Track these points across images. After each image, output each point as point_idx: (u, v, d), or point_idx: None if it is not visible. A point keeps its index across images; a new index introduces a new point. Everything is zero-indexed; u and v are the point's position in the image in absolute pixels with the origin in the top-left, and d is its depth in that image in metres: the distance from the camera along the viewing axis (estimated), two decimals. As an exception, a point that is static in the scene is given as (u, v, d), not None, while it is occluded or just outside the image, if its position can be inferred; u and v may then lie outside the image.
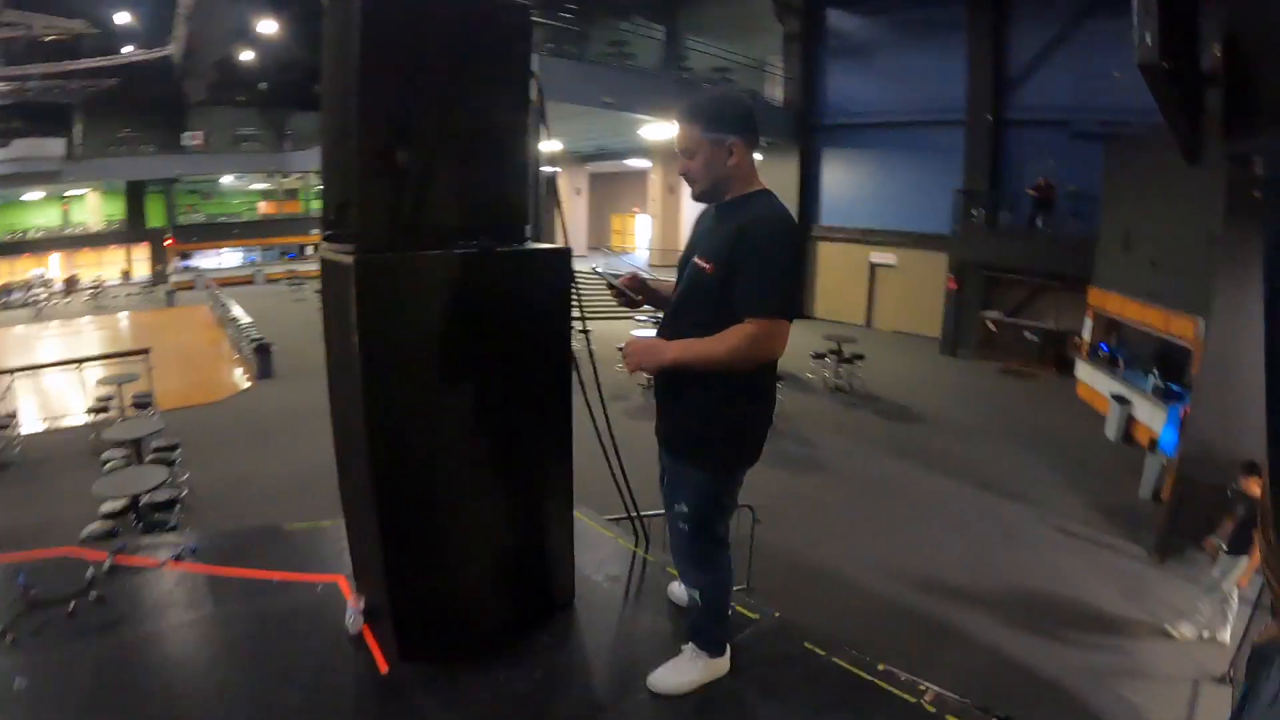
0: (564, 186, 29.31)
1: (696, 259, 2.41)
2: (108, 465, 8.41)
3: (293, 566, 3.54)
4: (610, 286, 2.79)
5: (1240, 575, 6.43)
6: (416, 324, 2.54)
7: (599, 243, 32.36)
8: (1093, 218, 15.11)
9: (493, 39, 2.61)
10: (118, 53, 25.61)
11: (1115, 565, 7.74)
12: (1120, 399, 12.01)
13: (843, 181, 21.84)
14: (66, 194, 32.08)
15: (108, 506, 7.01)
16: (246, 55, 27.52)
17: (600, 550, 3.66)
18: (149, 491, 7.09)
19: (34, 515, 8.19)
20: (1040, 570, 7.62)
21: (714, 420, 2.41)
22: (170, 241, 33.19)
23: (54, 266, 32.15)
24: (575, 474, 3.03)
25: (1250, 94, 6.90)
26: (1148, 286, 11.60)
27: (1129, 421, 11.82)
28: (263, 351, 15.39)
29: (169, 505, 7.38)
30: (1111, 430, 11.96)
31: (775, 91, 22.75)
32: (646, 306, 2.91)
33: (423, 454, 2.60)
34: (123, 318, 25.34)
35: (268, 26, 25.72)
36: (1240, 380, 7.53)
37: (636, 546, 3.66)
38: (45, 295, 28.37)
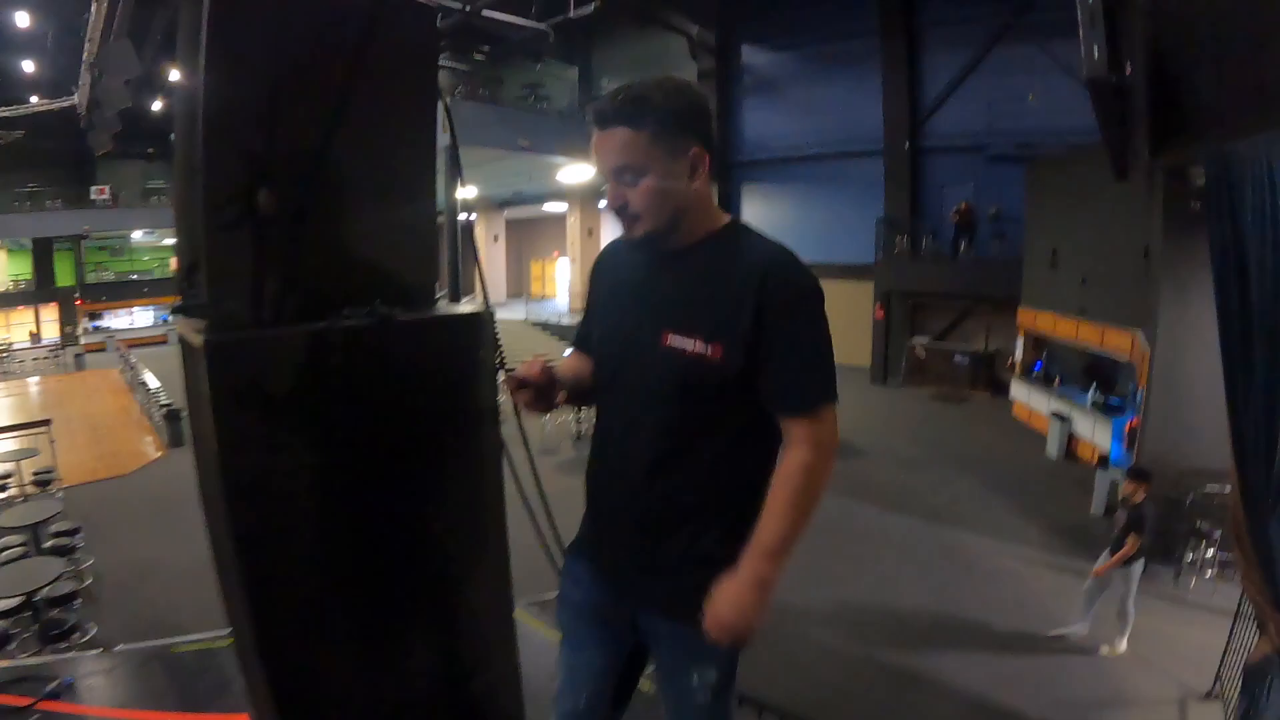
0: (481, 234, 28.65)
1: (674, 338, 1.59)
2: (2, 555, 7.57)
3: (181, 702, 2.87)
4: (517, 384, 1.83)
5: (1101, 566, 6.44)
6: (291, 416, 1.87)
7: (519, 291, 31.89)
8: (1016, 238, 15.23)
9: (390, 49, 1.98)
10: (24, 102, 24.25)
11: (1076, 587, 7.39)
12: (1059, 416, 11.91)
13: (763, 217, 21.61)
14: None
15: (3, 605, 6.33)
16: (155, 105, 26.37)
17: (548, 655, 2.98)
18: (46, 586, 6.39)
19: None
20: (1006, 602, 7.25)
21: (736, 555, 1.57)
22: (79, 301, 31.43)
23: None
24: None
25: (1181, 105, 6.79)
26: (1079, 303, 11.58)
27: (1070, 438, 11.72)
28: (173, 418, 14.27)
29: (69, 600, 6.67)
30: (1053, 448, 11.83)
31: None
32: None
33: (308, 569, 1.95)
34: (31, 383, 23.79)
35: (176, 75, 24.76)
36: (1190, 391, 7.41)
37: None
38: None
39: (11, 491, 10.34)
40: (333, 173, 1.90)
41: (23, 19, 20.48)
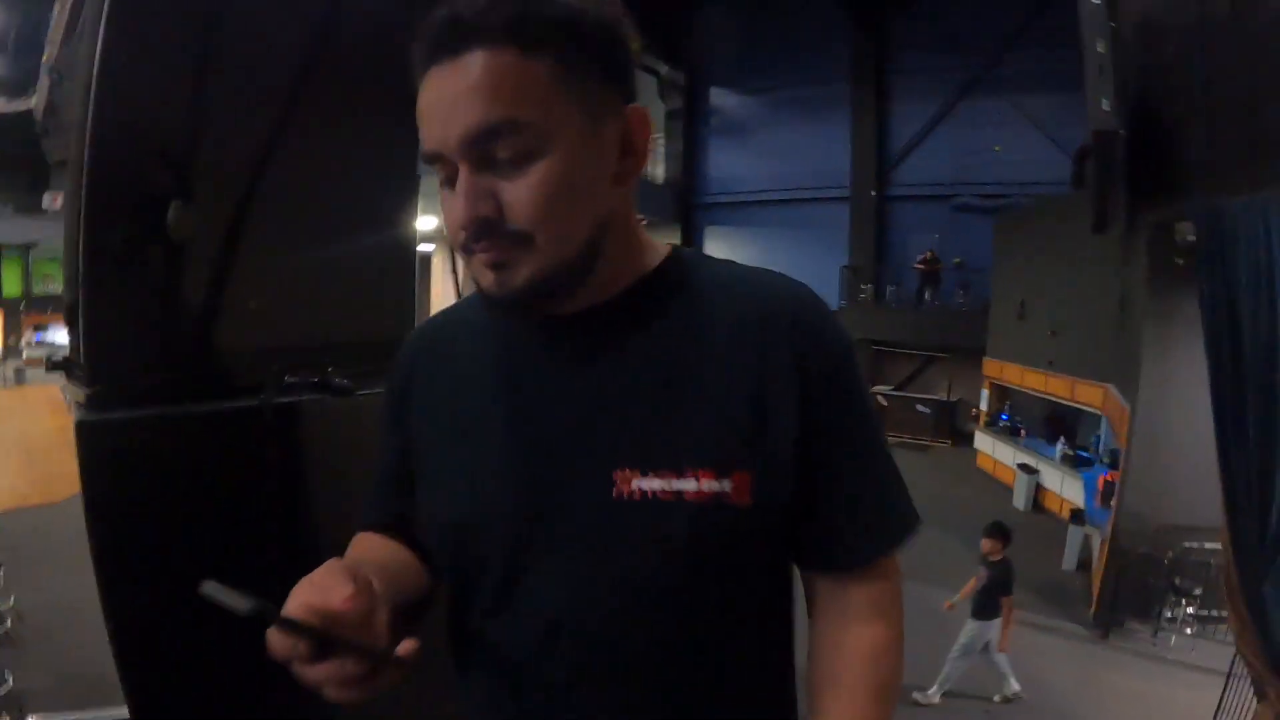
0: (439, 266, 27.87)
1: (647, 480, 0.83)
2: None
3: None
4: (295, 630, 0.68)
5: (998, 639, 6.22)
6: (198, 521, 1.35)
7: None
8: (980, 289, 15.28)
9: (361, 26, 1.48)
10: None
11: (1060, 649, 7.18)
12: (1026, 468, 11.80)
13: (730, 257, 21.60)
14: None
15: None
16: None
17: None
18: None
19: None
20: (978, 662, 6.95)
21: None
22: (25, 314, 30.42)
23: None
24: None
25: (1168, 160, 6.73)
26: (1048, 355, 11.52)
27: (1037, 490, 11.60)
28: None
29: None
30: (1020, 500, 11.68)
31: (656, 170, 22.37)
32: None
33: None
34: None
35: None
36: (1171, 446, 7.26)
37: None
38: None
39: None
40: (279, 187, 1.39)
41: None
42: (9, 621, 7.05)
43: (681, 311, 0.87)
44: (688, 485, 0.81)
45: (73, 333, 1.38)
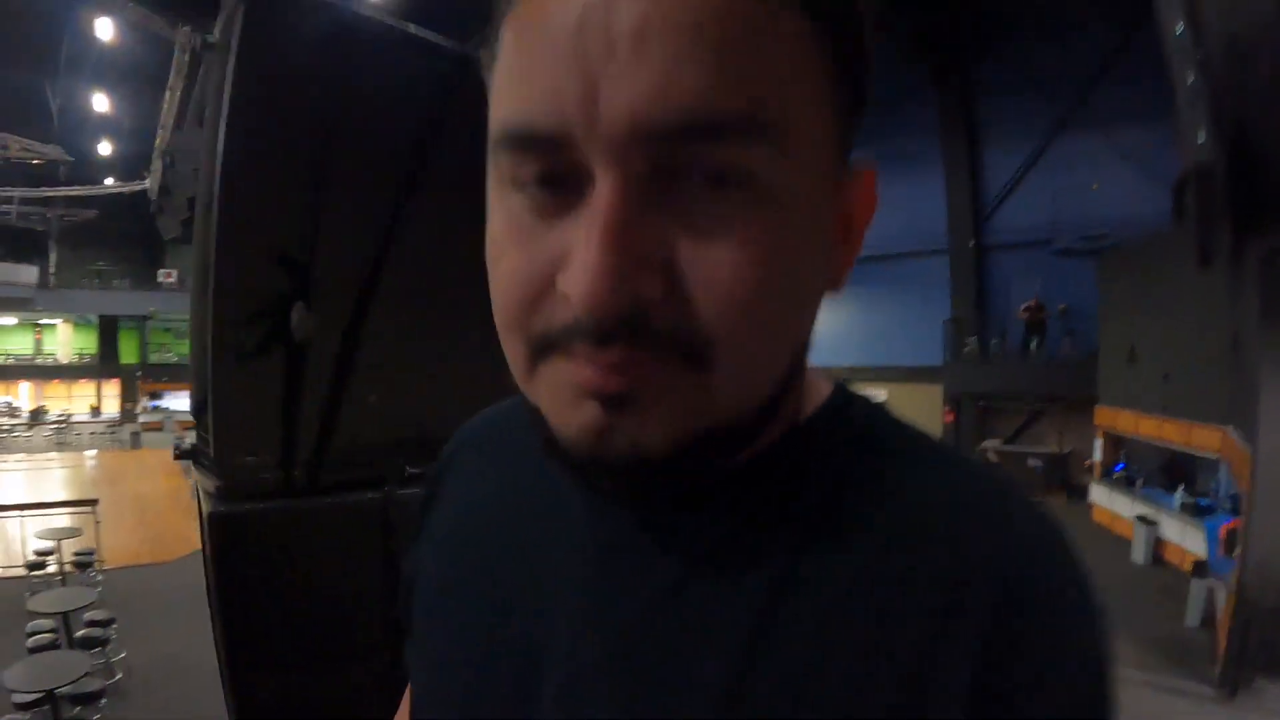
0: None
1: None
2: (32, 639, 7.36)
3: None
4: None
5: None
6: (320, 608, 1.39)
7: None
8: (1086, 335, 14.91)
9: (472, 127, 1.51)
10: (99, 183, 25.73)
11: (1184, 710, 6.86)
12: (1145, 520, 11.32)
13: (825, 319, 21.42)
14: (40, 323, 31.86)
15: (20, 696, 6.00)
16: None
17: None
18: (68, 685, 5.98)
19: None
20: None
21: None
22: (141, 381, 32.77)
23: (23, 395, 31.49)
24: None
25: (1269, 184, 6.58)
26: (1161, 399, 11.15)
27: (1156, 543, 11.11)
28: None
29: (95, 698, 6.29)
30: (1138, 554, 11.19)
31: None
32: None
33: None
34: (89, 457, 24.35)
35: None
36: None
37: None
38: (9, 426, 27.73)
39: (50, 569, 10.19)
40: (396, 286, 1.44)
41: (101, 103, 21.79)
42: (119, 674, 7.30)
43: (823, 518, 0.50)
44: None
45: (201, 428, 1.46)
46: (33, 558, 10.19)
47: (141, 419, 30.59)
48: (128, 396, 32.46)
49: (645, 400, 0.42)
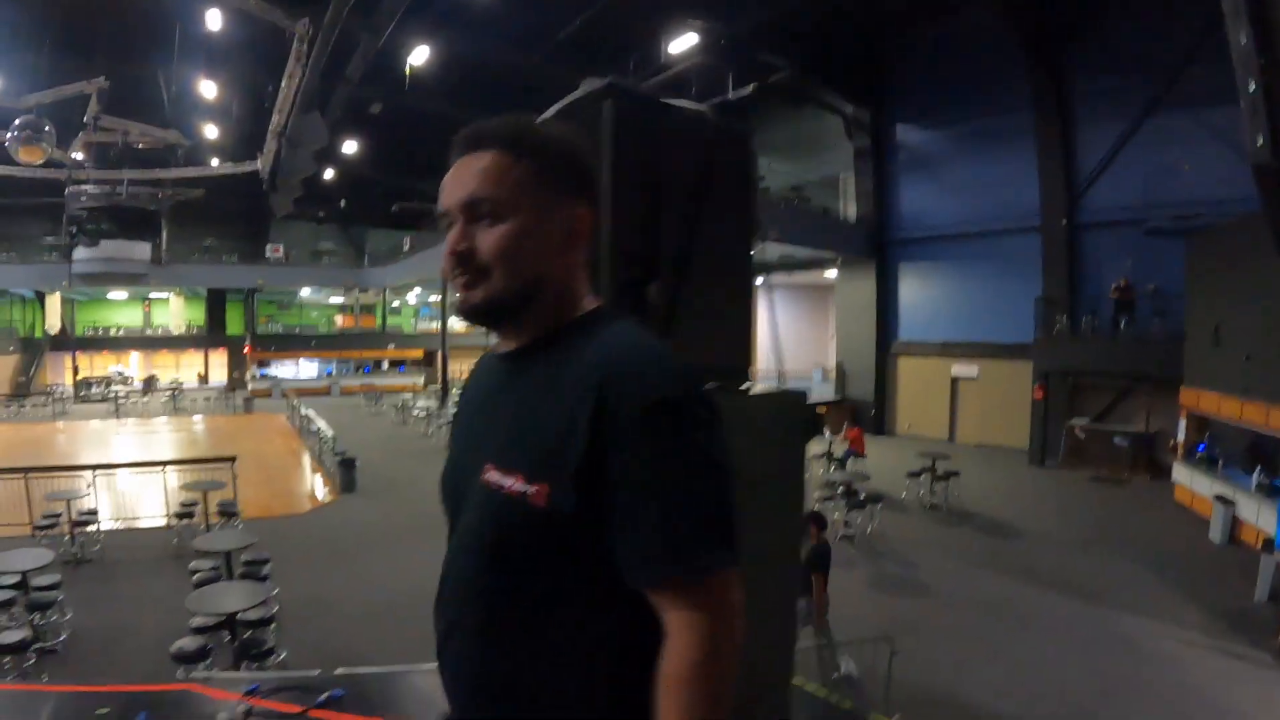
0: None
1: (494, 473, 1.19)
2: (196, 576, 8.20)
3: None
4: None
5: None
6: None
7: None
8: (1175, 315, 15.16)
9: (724, 164, 2.42)
10: (204, 164, 27.31)
11: (1245, 673, 7.47)
12: (1223, 500, 11.74)
13: (920, 295, 22.17)
14: (149, 296, 34.10)
15: (198, 620, 6.71)
16: (328, 173, 29.48)
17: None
18: (252, 609, 6.76)
19: (117, 617, 8.18)
20: (1174, 687, 7.30)
21: None
22: (249, 350, 34.76)
23: (133, 365, 34.07)
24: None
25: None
26: (1243, 381, 11.51)
27: (1234, 522, 11.53)
28: (347, 465, 15.43)
29: (263, 624, 6.95)
30: (1216, 533, 11.64)
31: (849, 208, 23.32)
32: None
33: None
34: (200, 421, 26.33)
35: (349, 146, 27.66)
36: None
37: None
38: (124, 393, 29.87)
39: (196, 519, 11.23)
40: (691, 268, 2.29)
41: (209, 89, 23.17)
42: (277, 608, 7.72)
43: (562, 357, 1.18)
44: (510, 483, 1.14)
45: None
46: (179, 509, 11.30)
47: (251, 386, 32.84)
48: (235, 365, 34.63)
49: (473, 287, 1.20)
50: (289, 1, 17.19)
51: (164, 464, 13.21)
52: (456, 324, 28.96)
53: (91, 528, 10.68)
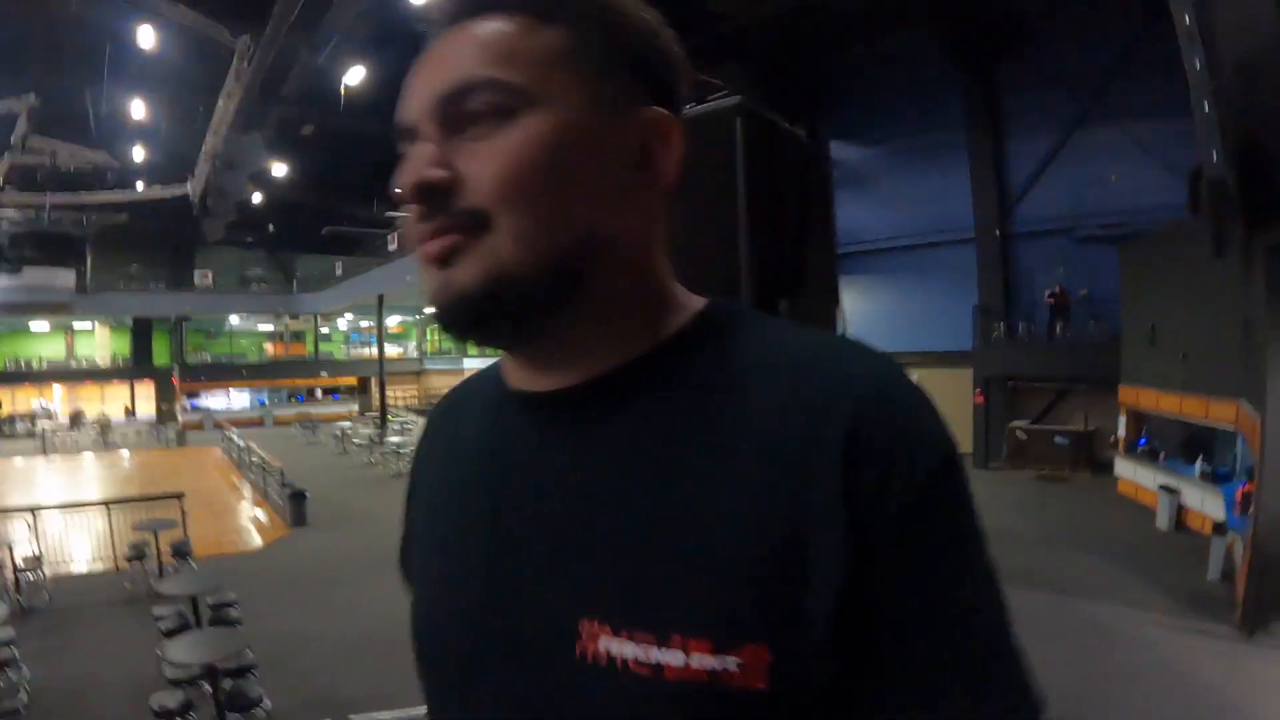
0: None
1: (603, 639, 0.60)
2: (161, 623, 7.51)
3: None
4: None
5: None
6: None
7: None
8: (1109, 318, 15.99)
9: (815, 181, 2.62)
10: (130, 187, 26.52)
11: (1209, 647, 7.92)
12: (1168, 489, 12.41)
13: (858, 308, 22.44)
14: (74, 326, 32.84)
15: (174, 673, 6.17)
16: (256, 197, 28.85)
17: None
18: (232, 657, 6.28)
19: (79, 670, 7.65)
20: (1151, 668, 7.72)
21: None
22: (176, 381, 33.78)
23: (56, 399, 32.75)
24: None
25: (1275, 187, 7.67)
26: (1181, 377, 12.22)
27: (1179, 510, 12.20)
28: (297, 499, 14.85)
29: (244, 671, 6.46)
30: (1163, 520, 12.30)
31: (786, 224, 23.71)
32: None
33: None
34: (130, 456, 25.48)
35: (279, 169, 27.16)
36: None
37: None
38: (51, 428, 28.70)
39: (149, 560, 10.35)
40: (800, 278, 2.40)
41: (137, 109, 22.54)
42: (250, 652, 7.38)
43: (703, 397, 0.64)
44: (671, 658, 0.57)
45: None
46: (130, 551, 10.37)
47: (181, 418, 31.74)
48: (163, 397, 33.55)
49: (455, 258, 0.62)
50: (229, 17, 16.94)
51: (108, 503, 12.40)
52: (393, 348, 28.68)
53: (34, 575, 9.91)
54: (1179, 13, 7.11)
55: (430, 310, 0.68)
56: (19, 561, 9.90)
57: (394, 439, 22.68)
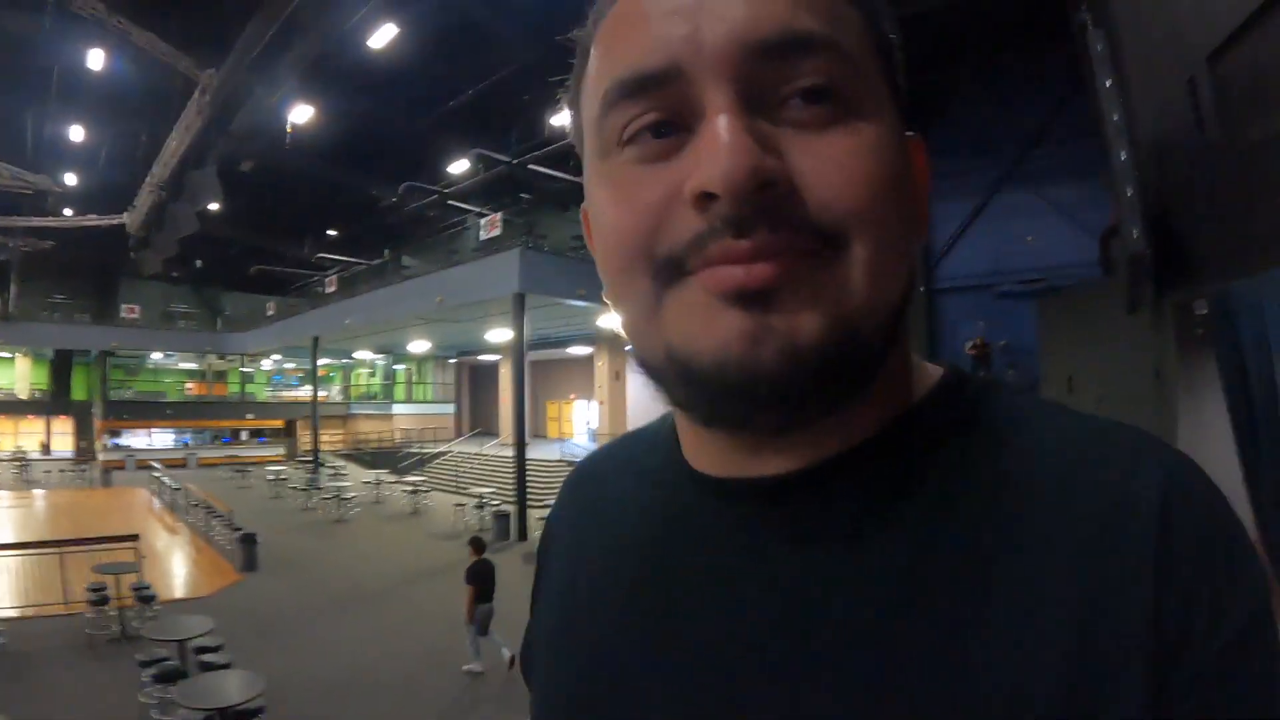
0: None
1: None
2: (153, 668, 7.24)
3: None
4: None
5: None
6: None
7: (538, 431, 33.18)
8: (1027, 367, 17.22)
9: None
10: (57, 213, 25.87)
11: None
12: (1084, 523, 13.38)
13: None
14: (-9, 355, 31.66)
15: (190, 716, 6.06)
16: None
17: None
18: (251, 700, 6.13)
19: (54, 716, 7.45)
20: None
21: None
22: (97, 418, 32.64)
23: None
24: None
25: (1183, 254, 8.85)
26: (1097, 421, 13.32)
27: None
28: (247, 542, 14.70)
29: (255, 715, 6.32)
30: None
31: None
32: None
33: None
34: (56, 494, 24.59)
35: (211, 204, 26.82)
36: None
37: None
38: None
39: (109, 606, 10.13)
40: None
41: (78, 133, 22.16)
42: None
43: (967, 487, 0.52)
44: None
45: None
46: (90, 594, 10.11)
47: (101, 457, 30.81)
48: (82, 434, 32.36)
49: (790, 293, 0.45)
50: (191, 48, 17.07)
51: (60, 544, 12.19)
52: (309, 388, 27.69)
53: None
54: (1107, 112, 8.15)
55: (719, 374, 0.47)
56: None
57: (333, 484, 22.63)
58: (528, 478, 18.64)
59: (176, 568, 15.34)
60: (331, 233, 33.00)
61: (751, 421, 0.51)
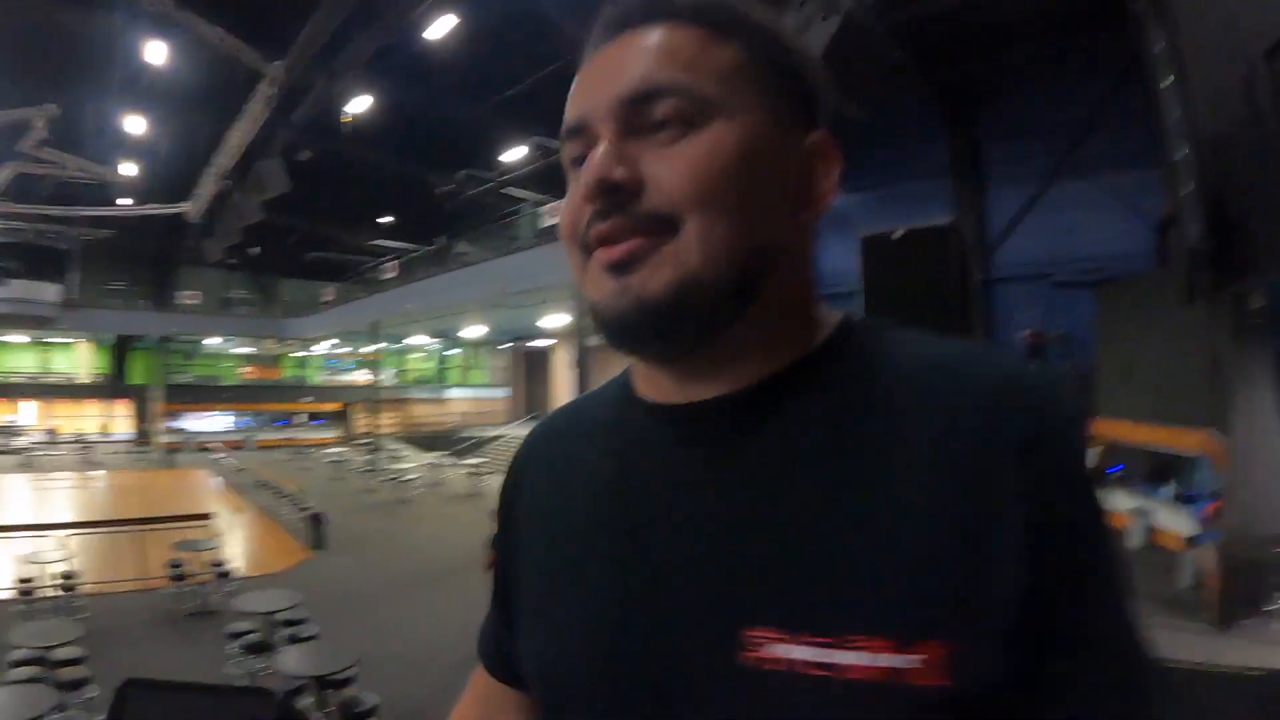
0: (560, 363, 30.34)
1: (772, 644, 0.62)
2: (243, 639, 7.66)
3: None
4: None
5: None
6: None
7: None
8: (1084, 356, 17.32)
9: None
10: (112, 203, 26.66)
11: (1187, 641, 9.12)
12: (1140, 511, 13.88)
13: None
14: (47, 340, 33.09)
15: (282, 684, 6.21)
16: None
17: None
18: (350, 668, 6.42)
19: None
20: None
21: None
22: (160, 401, 33.91)
23: (25, 414, 32.84)
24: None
25: (1236, 245, 9.26)
26: (1153, 409, 13.69)
27: (1150, 530, 13.66)
28: (316, 521, 15.33)
29: (347, 683, 6.50)
30: (1135, 539, 13.68)
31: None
32: None
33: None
34: (122, 475, 25.67)
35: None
36: (1264, 471, 9.55)
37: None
38: (31, 445, 28.81)
39: (188, 580, 10.62)
40: None
41: (139, 125, 22.68)
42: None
43: (859, 406, 0.68)
44: (847, 658, 0.59)
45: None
46: (170, 569, 10.62)
47: (161, 439, 32.13)
48: (141, 417, 33.64)
49: (642, 261, 0.66)
50: (252, 42, 17.60)
51: (141, 522, 13.04)
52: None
53: (74, 594, 10.11)
54: (1167, 110, 8.51)
55: (603, 318, 0.70)
56: (58, 579, 10.18)
57: (395, 466, 23.39)
58: (582, 460, 18.95)
59: (248, 545, 15.97)
60: (387, 219, 33.72)
61: (640, 351, 0.74)
